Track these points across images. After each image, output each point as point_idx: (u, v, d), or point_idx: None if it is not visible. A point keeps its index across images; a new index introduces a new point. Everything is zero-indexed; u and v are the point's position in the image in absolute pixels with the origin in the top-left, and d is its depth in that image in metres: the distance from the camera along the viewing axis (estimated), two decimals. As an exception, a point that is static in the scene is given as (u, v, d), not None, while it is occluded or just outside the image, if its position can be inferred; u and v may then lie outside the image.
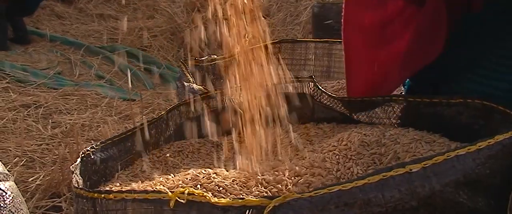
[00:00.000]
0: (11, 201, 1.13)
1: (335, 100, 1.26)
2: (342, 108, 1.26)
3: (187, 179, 0.92)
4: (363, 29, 1.14)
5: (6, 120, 3.27)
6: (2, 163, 1.24)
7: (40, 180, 2.45)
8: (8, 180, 1.17)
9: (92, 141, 3.02)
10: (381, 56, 1.12)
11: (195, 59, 2.14)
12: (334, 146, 1.05)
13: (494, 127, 0.91)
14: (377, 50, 1.13)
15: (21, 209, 1.16)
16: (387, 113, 1.17)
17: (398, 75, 1.15)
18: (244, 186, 0.87)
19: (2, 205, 1.10)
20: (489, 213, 0.66)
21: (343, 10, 1.17)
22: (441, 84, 1.14)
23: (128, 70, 4.90)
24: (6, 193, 1.13)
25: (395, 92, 1.83)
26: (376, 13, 1.11)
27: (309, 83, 1.33)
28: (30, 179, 2.48)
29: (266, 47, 2.28)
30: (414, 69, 1.14)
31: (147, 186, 0.92)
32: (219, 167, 1.03)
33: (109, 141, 1.09)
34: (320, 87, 1.30)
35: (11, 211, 1.12)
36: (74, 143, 2.75)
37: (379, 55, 1.12)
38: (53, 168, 2.54)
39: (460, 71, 1.09)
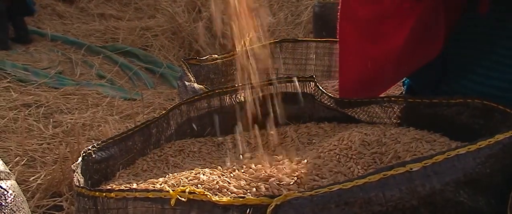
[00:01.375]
0: (12, 199, 1.13)
1: (336, 101, 1.26)
2: (343, 108, 1.26)
3: (188, 178, 0.92)
4: (358, 23, 1.12)
5: (7, 119, 3.27)
6: (3, 162, 1.24)
7: (41, 179, 2.46)
8: (9, 179, 1.17)
9: (93, 140, 3.02)
10: (375, 52, 1.10)
11: (196, 58, 2.14)
12: (335, 145, 1.05)
13: (494, 126, 0.91)
14: (371, 45, 1.11)
15: (23, 208, 1.16)
16: (388, 113, 1.17)
17: (392, 73, 1.14)
18: (245, 185, 0.87)
19: (3, 203, 1.10)
20: (489, 212, 0.66)
21: (340, 2, 1.15)
22: (441, 84, 1.14)
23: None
24: (7, 192, 1.13)
25: (395, 93, 1.84)
26: (372, 7, 1.09)
27: (310, 83, 1.33)
28: (31, 178, 2.48)
29: (267, 46, 2.28)
30: (411, 69, 1.13)
31: (148, 185, 0.92)
32: (220, 166, 1.03)
33: (110, 140, 1.10)
34: (321, 88, 1.30)
35: (13, 210, 1.12)
36: (75, 142, 2.76)
37: (373, 50, 1.10)
38: (54, 167, 2.54)
39: (460, 71, 1.08)
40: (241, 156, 1.13)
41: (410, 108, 1.11)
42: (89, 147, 1.04)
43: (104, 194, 0.78)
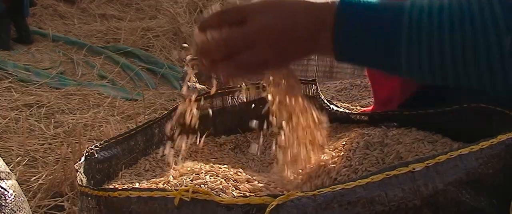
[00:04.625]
0: (13, 199, 1.13)
1: (335, 110, 1.27)
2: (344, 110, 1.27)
3: (190, 178, 0.92)
4: None
5: (9, 119, 3.28)
6: (5, 163, 1.24)
7: (43, 179, 2.46)
8: (10, 179, 1.17)
9: (94, 141, 3.03)
10: None
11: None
12: (337, 146, 1.05)
13: (494, 128, 0.91)
14: None
15: (23, 208, 1.16)
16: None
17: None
18: (248, 185, 0.87)
19: (3, 203, 1.10)
20: (491, 212, 0.67)
21: None
22: (441, 90, 1.12)
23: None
24: (8, 192, 1.13)
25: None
26: None
27: (312, 85, 1.34)
28: (32, 179, 2.48)
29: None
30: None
31: (151, 184, 0.92)
32: (223, 166, 1.03)
33: (113, 140, 1.10)
34: (322, 94, 1.31)
35: (13, 210, 1.12)
36: (76, 142, 2.76)
37: None
38: (55, 167, 2.54)
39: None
40: (243, 156, 1.13)
41: (407, 120, 1.11)
42: (92, 147, 1.05)
43: (107, 193, 0.78)
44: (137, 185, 0.95)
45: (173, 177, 0.94)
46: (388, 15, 0.77)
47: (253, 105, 1.32)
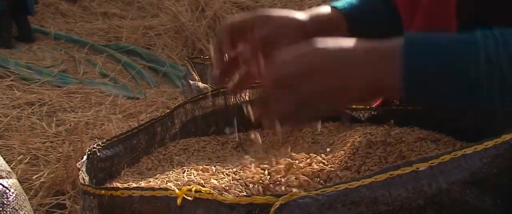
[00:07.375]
0: (14, 198, 1.13)
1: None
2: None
3: (192, 177, 0.92)
4: None
5: (11, 117, 3.28)
6: (6, 161, 1.24)
7: (44, 177, 2.46)
8: (11, 178, 1.17)
9: (96, 139, 3.03)
10: None
11: (201, 57, 2.14)
12: (340, 145, 1.05)
13: (497, 127, 0.90)
14: None
15: (25, 207, 1.16)
16: (390, 117, 1.17)
17: None
18: (251, 184, 0.87)
19: (5, 202, 1.10)
20: (496, 212, 0.66)
21: None
22: None
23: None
24: (9, 191, 1.13)
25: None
26: None
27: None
28: (34, 177, 2.49)
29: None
30: None
31: (153, 184, 0.92)
32: (225, 165, 1.03)
33: (115, 139, 1.10)
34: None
35: (14, 209, 1.12)
36: (78, 140, 2.76)
37: None
38: (57, 165, 2.55)
39: None
40: (246, 155, 1.13)
41: (411, 115, 1.11)
42: (94, 145, 1.04)
43: (109, 192, 0.78)
44: (139, 184, 0.95)
45: (175, 176, 0.94)
46: (461, 52, 0.71)
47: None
